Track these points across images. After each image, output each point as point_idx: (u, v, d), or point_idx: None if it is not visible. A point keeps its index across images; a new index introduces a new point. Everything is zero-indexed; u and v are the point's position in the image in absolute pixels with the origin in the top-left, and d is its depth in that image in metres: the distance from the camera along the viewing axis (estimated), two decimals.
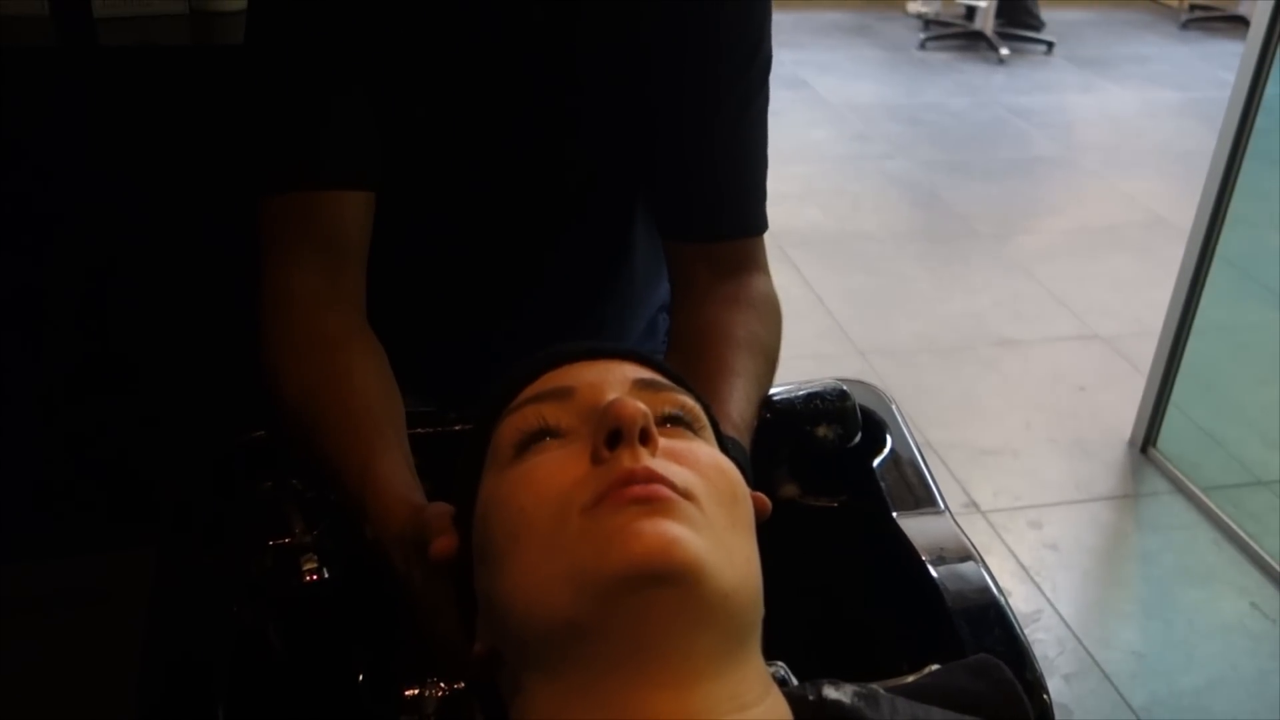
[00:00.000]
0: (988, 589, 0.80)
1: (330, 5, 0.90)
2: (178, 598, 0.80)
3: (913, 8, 6.46)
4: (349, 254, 0.93)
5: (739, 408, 0.85)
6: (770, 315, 1.00)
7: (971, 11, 6.17)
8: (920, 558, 0.82)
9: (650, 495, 0.55)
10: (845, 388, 0.94)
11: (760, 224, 1.02)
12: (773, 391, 0.94)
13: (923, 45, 6.09)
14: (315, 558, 0.79)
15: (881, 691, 0.61)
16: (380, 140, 0.94)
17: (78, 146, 1.46)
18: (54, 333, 1.57)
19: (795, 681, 0.71)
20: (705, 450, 0.62)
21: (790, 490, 0.93)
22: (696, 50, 0.95)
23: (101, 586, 1.48)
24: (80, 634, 1.51)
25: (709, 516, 0.57)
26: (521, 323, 1.08)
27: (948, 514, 0.88)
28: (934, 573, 0.81)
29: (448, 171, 0.98)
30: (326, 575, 0.79)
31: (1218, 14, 6.78)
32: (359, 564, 0.86)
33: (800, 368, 1.01)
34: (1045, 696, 0.73)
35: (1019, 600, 2.17)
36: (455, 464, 0.69)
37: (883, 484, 0.90)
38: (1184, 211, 2.58)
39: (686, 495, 0.56)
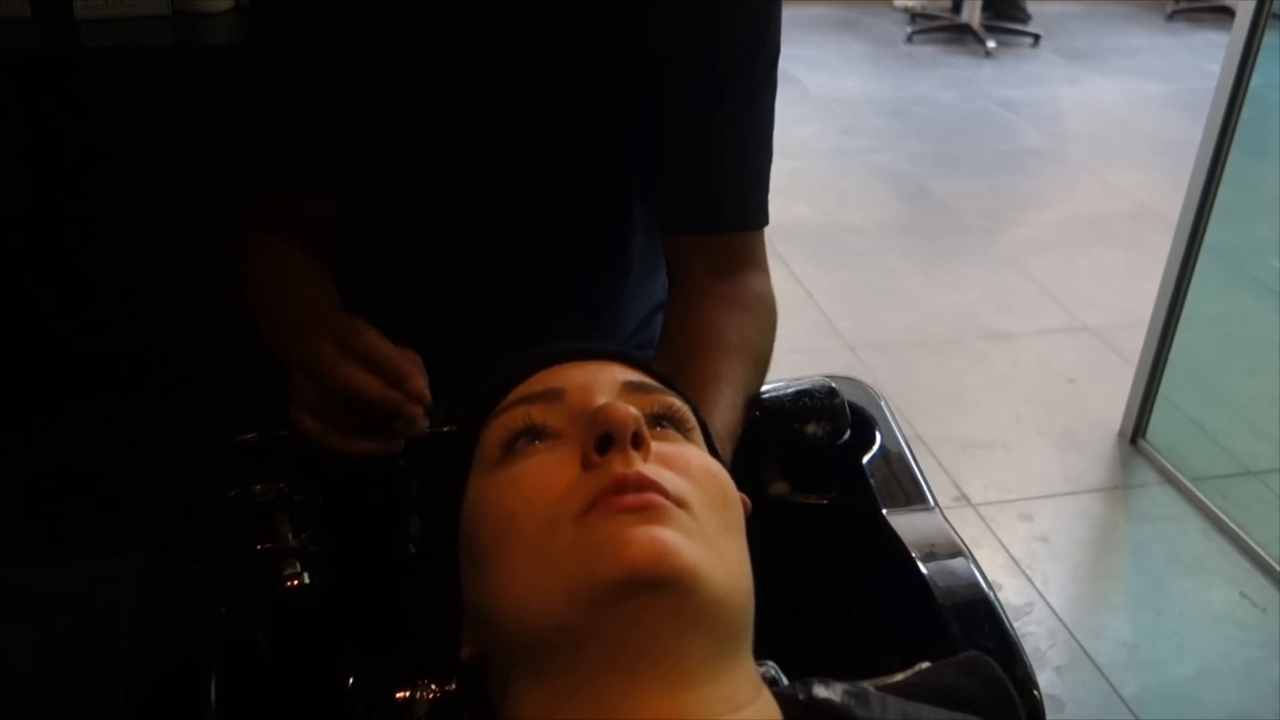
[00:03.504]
0: (977, 585, 0.80)
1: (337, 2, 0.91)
2: (166, 602, 0.80)
3: (899, 2, 6.46)
4: (316, 240, 1.00)
5: (724, 416, 0.85)
6: (765, 318, 0.99)
7: (958, 5, 6.17)
8: (910, 554, 0.82)
9: (643, 504, 0.55)
10: (834, 385, 0.94)
11: (760, 218, 1.02)
12: (762, 389, 0.94)
13: (909, 39, 6.09)
14: (297, 562, 0.79)
15: (872, 690, 0.61)
16: (361, 137, 0.96)
17: (62, 149, 1.45)
18: (43, 335, 1.57)
19: (785, 681, 0.71)
20: (695, 454, 0.62)
21: (780, 488, 0.93)
22: (703, 40, 0.95)
23: (95, 590, 1.48)
24: (73, 638, 1.50)
25: (701, 522, 0.56)
26: (515, 315, 1.08)
27: (937, 510, 0.88)
28: (924, 569, 0.81)
29: (452, 163, 0.99)
30: (308, 580, 0.79)
31: (1203, 5, 6.79)
32: (349, 567, 0.85)
33: (790, 362, 1.00)
34: (1035, 693, 0.73)
35: (1010, 593, 2.17)
36: (442, 464, 0.69)
37: (872, 481, 0.90)
38: (1171, 203, 2.58)
39: (679, 502, 0.56)
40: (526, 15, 0.92)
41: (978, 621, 0.77)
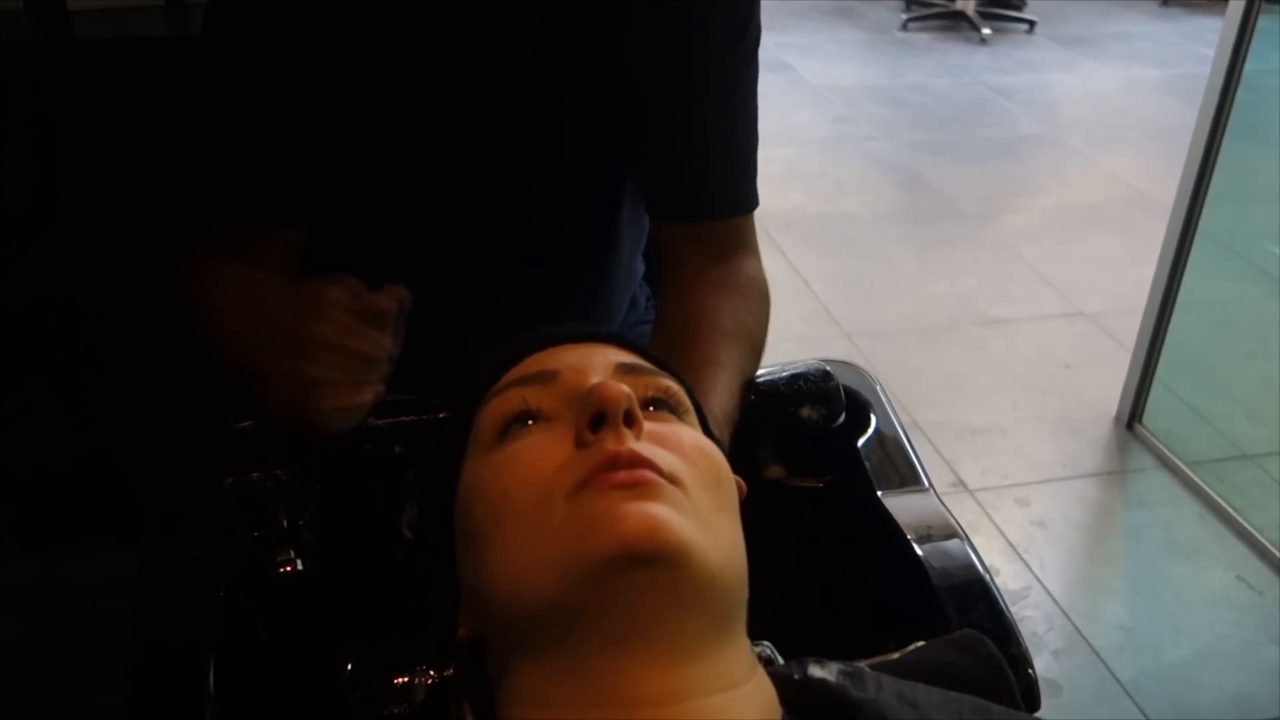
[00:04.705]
0: (972, 565, 0.81)
1: (302, 17, 0.90)
2: (164, 590, 0.80)
3: None
4: (286, 264, 0.96)
5: (721, 400, 0.85)
6: (758, 301, 1.00)
7: None
8: (905, 535, 0.83)
9: (635, 480, 0.55)
10: (829, 368, 0.94)
11: (750, 202, 1.02)
12: (757, 373, 0.95)
13: (904, 26, 6.08)
14: (291, 549, 0.79)
15: (867, 669, 0.62)
16: (334, 157, 0.94)
17: (54, 140, 1.45)
18: (38, 327, 1.57)
19: (781, 661, 0.71)
20: (689, 433, 0.62)
21: (775, 471, 0.93)
22: (685, 28, 0.95)
23: (92, 583, 1.48)
24: (71, 631, 1.51)
25: (694, 499, 0.57)
26: (511, 308, 1.08)
27: (932, 492, 0.89)
28: (919, 550, 0.81)
29: (435, 161, 0.98)
30: (301, 567, 0.79)
31: None
32: (346, 553, 0.86)
33: (786, 350, 1.01)
34: (1030, 671, 0.73)
35: (1007, 578, 2.18)
36: (437, 448, 0.69)
37: (867, 463, 0.91)
38: (1167, 188, 2.58)
39: (672, 479, 0.56)
40: (494, 13, 0.92)
41: (972, 601, 0.77)
